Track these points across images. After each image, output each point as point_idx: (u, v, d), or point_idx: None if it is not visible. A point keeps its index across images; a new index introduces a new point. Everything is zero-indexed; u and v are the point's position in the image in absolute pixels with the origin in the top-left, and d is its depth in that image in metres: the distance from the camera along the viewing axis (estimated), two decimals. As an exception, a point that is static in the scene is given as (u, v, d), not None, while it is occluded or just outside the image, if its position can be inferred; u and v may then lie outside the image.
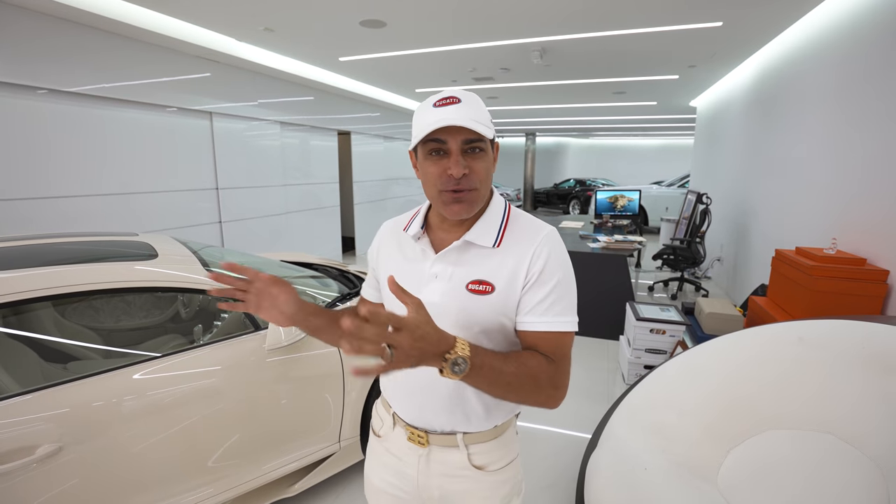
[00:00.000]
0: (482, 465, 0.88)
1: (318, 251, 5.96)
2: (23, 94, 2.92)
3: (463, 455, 0.87)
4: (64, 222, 3.18)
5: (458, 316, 0.81)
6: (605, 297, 3.81)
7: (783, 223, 3.61)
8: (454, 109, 0.76)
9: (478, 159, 0.79)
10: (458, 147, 0.77)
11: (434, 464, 0.89)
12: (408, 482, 0.92)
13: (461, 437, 0.87)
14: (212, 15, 3.43)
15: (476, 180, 0.79)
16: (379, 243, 0.96)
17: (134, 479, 1.44)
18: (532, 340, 0.81)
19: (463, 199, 0.79)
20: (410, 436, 0.89)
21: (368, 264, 1.01)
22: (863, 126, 2.59)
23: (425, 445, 0.88)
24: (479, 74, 5.49)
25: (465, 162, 0.77)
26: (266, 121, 4.99)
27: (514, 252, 0.82)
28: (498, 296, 0.81)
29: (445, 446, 0.88)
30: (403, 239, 0.91)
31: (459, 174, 0.76)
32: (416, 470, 0.90)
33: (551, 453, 2.32)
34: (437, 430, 0.88)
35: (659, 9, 3.23)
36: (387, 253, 0.94)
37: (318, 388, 1.86)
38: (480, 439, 0.88)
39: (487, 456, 0.89)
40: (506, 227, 0.85)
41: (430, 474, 0.89)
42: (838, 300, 2.36)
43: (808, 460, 1.49)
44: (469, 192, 0.79)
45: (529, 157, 13.81)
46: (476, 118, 0.76)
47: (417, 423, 0.89)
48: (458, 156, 0.77)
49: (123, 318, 2.13)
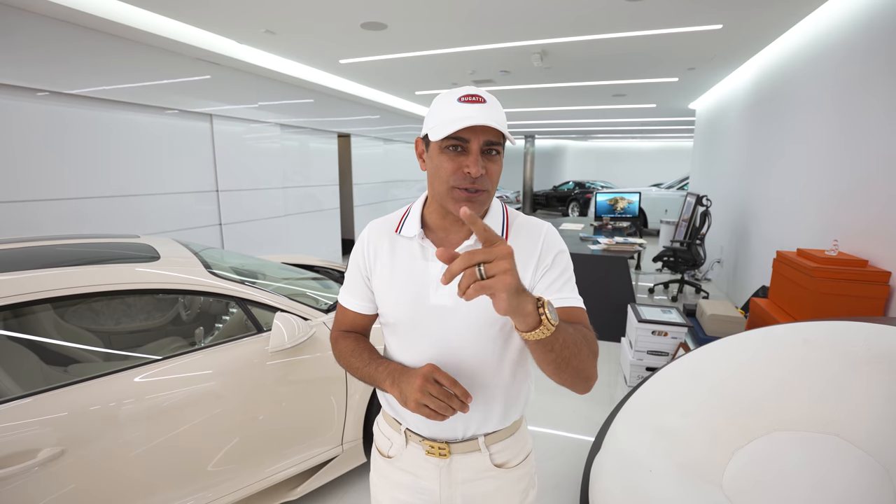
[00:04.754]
0: (503, 462, 0.90)
1: (317, 253, 5.95)
2: (23, 97, 2.91)
3: (485, 457, 0.88)
4: (64, 224, 3.17)
5: (478, 315, 0.81)
6: (606, 299, 3.80)
7: (783, 225, 3.61)
8: (480, 109, 0.74)
9: (494, 161, 0.78)
10: (479, 147, 0.76)
11: (456, 472, 0.88)
12: (429, 496, 0.91)
13: (482, 440, 0.88)
14: (213, 17, 3.43)
15: (489, 182, 0.79)
16: (367, 246, 0.90)
17: (135, 483, 1.43)
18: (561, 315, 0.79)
19: (475, 199, 0.78)
20: (430, 450, 0.88)
21: (350, 269, 0.94)
22: (863, 127, 2.60)
23: (447, 456, 0.87)
24: (479, 77, 5.50)
25: (483, 162, 0.76)
26: (266, 123, 4.99)
27: (522, 248, 0.83)
28: None
29: (467, 452, 0.88)
30: (397, 240, 0.87)
31: (478, 174, 0.75)
32: (437, 483, 0.89)
33: (554, 456, 2.31)
34: (458, 437, 0.88)
35: (659, 11, 3.24)
36: (380, 256, 0.88)
37: (321, 391, 1.84)
38: (500, 437, 0.90)
39: (507, 453, 0.91)
40: (507, 224, 0.87)
41: (452, 483, 0.89)
42: (840, 302, 2.36)
43: (814, 462, 1.48)
44: (481, 192, 0.78)
45: (528, 159, 13.83)
46: (499, 120, 0.75)
47: (438, 435, 0.88)
48: (477, 155, 0.75)
49: (124, 321, 2.12)
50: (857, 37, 2.72)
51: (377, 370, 0.86)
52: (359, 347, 0.92)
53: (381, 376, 0.84)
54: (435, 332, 0.83)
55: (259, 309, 1.78)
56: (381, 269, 0.88)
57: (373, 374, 0.86)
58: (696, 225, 5.10)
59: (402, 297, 0.85)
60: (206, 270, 1.76)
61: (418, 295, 0.83)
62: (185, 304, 2.25)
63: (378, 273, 0.88)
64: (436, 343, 0.83)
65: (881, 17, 2.49)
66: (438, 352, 0.83)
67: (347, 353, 0.92)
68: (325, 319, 1.93)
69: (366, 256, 0.90)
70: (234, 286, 1.75)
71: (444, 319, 0.82)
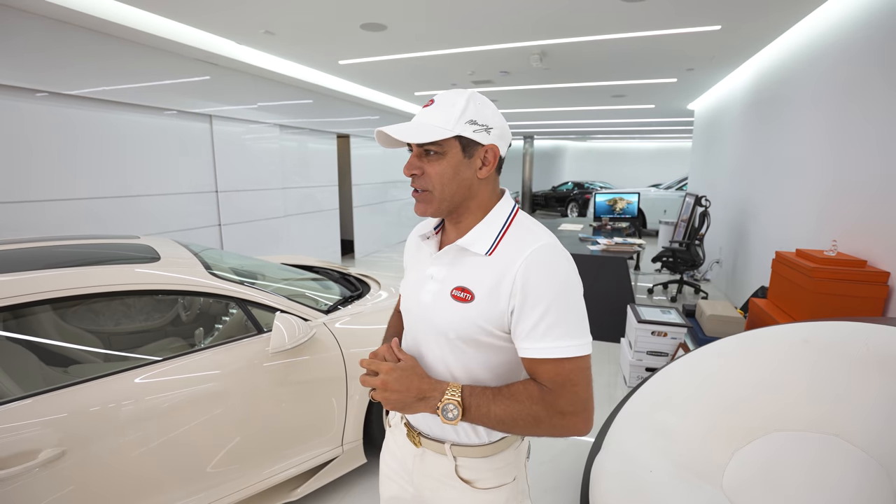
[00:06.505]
0: (470, 479, 0.85)
1: (317, 254, 5.95)
2: (23, 98, 2.91)
3: (451, 464, 0.86)
4: (64, 225, 3.17)
5: (440, 320, 0.81)
6: (606, 300, 3.81)
7: (782, 225, 3.62)
8: (420, 113, 0.80)
9: (432, 162, 0.79)
10: (416, 149, 0.81)
11: (427, 465, 0.90)
12: (407, 475, 0.94)
13: (449, 447, 0.85)
14: (212, 18, 3.43)
15: (427, 182, 0.80)
16: (409, 241, 1.00)
17: (136, 484, 1.43)
18: (530, 368, 0.77)
19: (419, 198, 0.83)
20: (408, 433, 0.91)
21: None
22: (861, 127, 2.61)
23: (419, 446, 0.89)
24: (479, 77, 5.51)
25: (417, 163, 0.80)
26: (265, 124, 4.99)
27: (501, 264, 0.76)
28: (477, 306, 0.77)
29: (436, 451, 0.88)
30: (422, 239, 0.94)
31: (407, 174, 0.81)
32: (412, 466, 0.92)
33: (554, 457, 2.31)
34: (428, 433, 0.89)
35: (658, 13, 3.24)
36: (410, 250, 0.99)
37: (322, 391, 1.84)
38: (470, 454, 0.85)
39: (476, 472, 0.85)
40: (503, 235, 0.80)
41: (423, 474, 0.90)
42: (839, 302, 2.37)
43: (813, 462, 1.48)
44: (423, 192, 0.82)
45: (527, 160, 13.84)
46: (434, 122, 0.76)
47: (413, 422, 0.91)
48: (413, 157, 0.81)
49: (124, 322, 2.12)
50: (855, 38, 2.73)
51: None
52: (390, 327, 1.05)
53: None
54: (415, 326, 0.89)
55: (259, 310, 1.78)
56: (408, 262, 1.00)
57: None
58: (695, 225, 5.11)
59: (406, 289, 0.93)
60: (206, 271, 1.76)
61: (415, 290, 0.88)
62: (185, 304, 2.25)
63: (406, 266, 1.00)
64: (414, 337, 0.89)
65: (878, 18, 2.50)
66: (414, 345, 0.89)
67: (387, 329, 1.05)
68: (325, 320, 1.93)
69: (407, 250, 1.02)
70: (233, 287, 1.75)
71: (423, 316, 0.85)
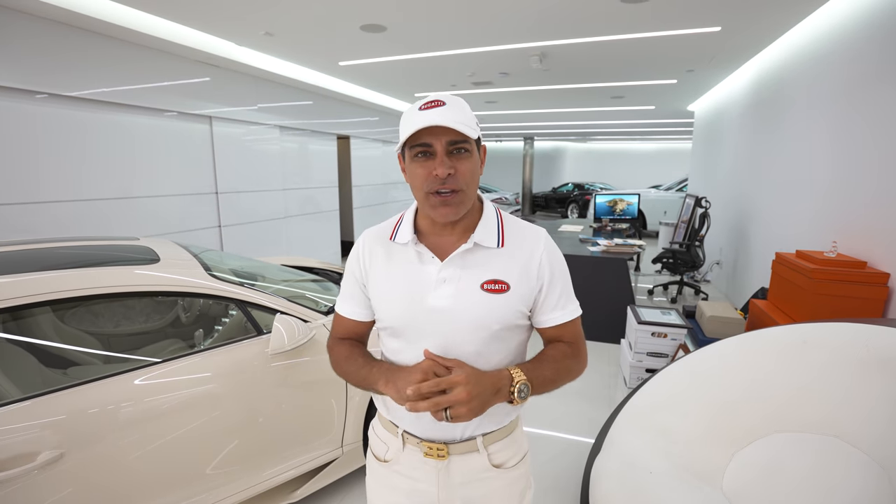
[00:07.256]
0: (500, 462, 0.91)
1: (317, 255, 5.95)
2: (22, 99, 2.91)
3: (483, 457, 0.89)
4: (64, 226, 3.17)
5: (475, 316, 0.83)
6: (606, 301, 3.80)
7: (782, 226, 3.62)
8: (438, 112, 0.77)
9: (463, 160, 0.80)
10: (444, 148, 0.78)
11: (454, 474, 0.88)
12: (426, 499, 0.90)
13: (481, 440, 0.88)
14: (212, 19, 3.43)
15: (461, 181, 0.80)
16: (363, 253, 0.92)
17: (135, 486, 1.43)
18: (557, 333, 0.90)
19: (450, 201, 0.80)
20: (428, 451, 0.87)
21: (345, 277, 0.96)
22: (861, 128, 2.61)
23: (445, 458, 0.87)
24: (479, 79, 5.51)
25: (449, 163, 0.79)
26: (265, 125, 4.99)
27: (520, 252, 0.86)
28: (513, 293, 0.84)
29: (465, 453, 0.88)
30: (392, 247, 0.90)
31: (444, 174, 0.78)
32: (435, 485, 0.89)
33: (554, 457, 2.31)
34: (457, 438, 0.88)
35: (658, 14, 3.25)
36: (375, 262, 0.90)
37: (321, 393, 1.84)
38: (497, 437, 0.90)
39: (504, 453, 0.91)
40: (502, 228, 0.89)
41: (450, 485, 0.89)
42: (839, 303, 2.37)
43: (814, 464, 1.48)
44: (455, 193, 0.80)
45: (528, 161, 13.84)
46: (460, 120, 0.78)
47: (436, 436, 0.88)
48: (443, 156, 0.79)
49: (123, 323, 2.11)
50: (856, 39, 2.73)
51: (371, 372, 0.86)
52: (353, 352, 0.92)
53: (374, 377, 0.84)
54: (432, 333, 0.84)
55: (259, 311, 1.78)
56: (376, 275, 0.89)
57: (367, 376, 0.86)
58: (696, 226, 5.11)
59: (400, 300, 0.87)
60: (206, 272, 1.75)
61: (415, 298, 0.85)
62: (185, 306, 2.24)
63: (374, 279, 0.90)
64: (433, 344, 0.84)
65: (879, 18, 2.50)
66: (436, 352, 0.84)
67: (342, 358, 0.92)
68: (324, 321, 1.93)
69: (361, 264, 0.92)
70: (233, 288, 1.74)
71: (442, 321, 0.83)
